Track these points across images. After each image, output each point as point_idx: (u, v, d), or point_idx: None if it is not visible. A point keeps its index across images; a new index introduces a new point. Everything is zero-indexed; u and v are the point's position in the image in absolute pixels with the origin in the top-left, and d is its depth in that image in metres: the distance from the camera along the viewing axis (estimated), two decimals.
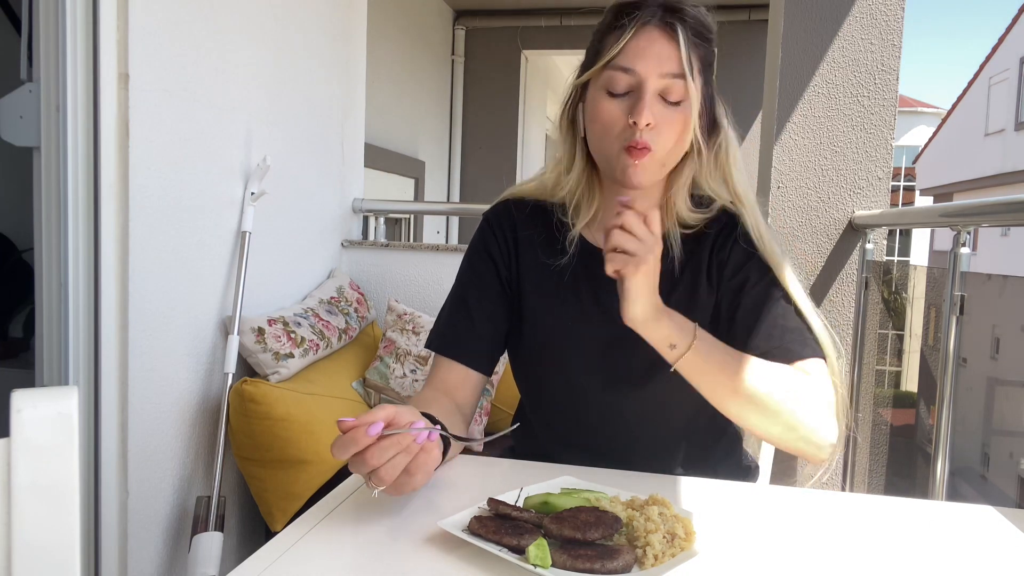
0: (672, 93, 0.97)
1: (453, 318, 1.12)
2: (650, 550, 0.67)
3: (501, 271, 1.12)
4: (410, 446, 0.75)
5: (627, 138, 0.97)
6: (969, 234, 1.45)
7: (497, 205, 1.16)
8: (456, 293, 1.14)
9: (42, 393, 0.47)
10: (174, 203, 1.67)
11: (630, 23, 0.97)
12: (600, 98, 1.00)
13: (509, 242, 1.12)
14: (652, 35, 0.97)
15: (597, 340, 1.06)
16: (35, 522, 0.47)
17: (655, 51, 0.97)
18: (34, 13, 1.44)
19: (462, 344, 1.09)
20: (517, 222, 1.13)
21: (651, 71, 0.96)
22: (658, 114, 0.97)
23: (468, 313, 1.11)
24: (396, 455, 0.74)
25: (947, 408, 1.47)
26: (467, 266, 1.15)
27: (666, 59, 0.97)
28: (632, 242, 0.88)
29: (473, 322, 1.10)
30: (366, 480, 0.76)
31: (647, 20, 0.97)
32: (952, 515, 0.89)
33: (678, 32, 0.97)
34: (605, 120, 0.99)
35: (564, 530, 0.69)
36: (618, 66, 0.98)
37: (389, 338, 2.25)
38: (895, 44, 1.93)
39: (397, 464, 0.74)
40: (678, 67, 0.97)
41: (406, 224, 4.24)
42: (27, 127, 1.47)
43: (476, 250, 1.14)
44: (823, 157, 1.97)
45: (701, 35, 1.00)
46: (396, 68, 4.12)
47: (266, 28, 2.00)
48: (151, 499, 1.68)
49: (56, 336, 1.49)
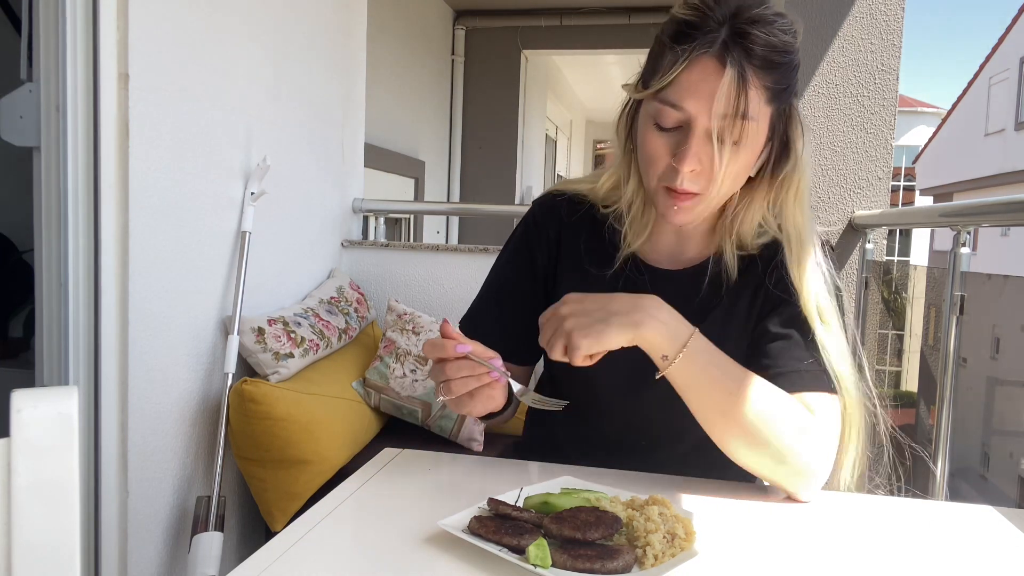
0: (729, 134, 0.86)
1: (484, 306, 1.11)
2: (650, 550, 0.67)
3: (539, 270, 1.08)
4: (482, 375, 0.83)
5: (669, 179, 0.89)
6: (969, 234, 1.45)
7: (546, 199, 1.10)
8: (492, 284, 1.12)
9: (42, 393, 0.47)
10: (174, 203, 1.67)
11: (683, 53, 0.85)
12: (647, 128, 0.91)
13: (552, 243, 1.07)
14: (708, 68, 0.84)
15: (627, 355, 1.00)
16: (35, 522, 0.47)
17: (709, 88, 0.84)
18: (34, 13, 1.44)
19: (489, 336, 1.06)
20: (564, 224, 1.07)
21: (702, 110, 0.85)
22: (708, 156, 0.87)
23: (497, 306, 1.10)
24: (468, 376, 0.83)
25: (947, 408, 1.47)
26: (507, 258, 1.11)
27: (723, 97, 0.84)
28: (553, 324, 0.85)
29: (500, 315, 1.08)
30: (436, 387, 0.86)
31: (705, 50, 0.84)
32: (952, 515, 0.89)
33: (743, 65, 0.84)
34: (649, 153, 0.91)
35: (564, 530, 0.69)
36: (667, 100, 0.87)
37: (389, 338, 2.25)
38: (895, 44, 1.93)
39: (466, 384, 0.84)
40: (737, 107, 0.85)
41: (406, 224, 4.24)
42: (27, 127, 1.47)
43: (518, 243, 1.11)
44: (823, 157, 1.97)
45: (772, 60, 0.86)
46: (396, 68, 4.13)
47: (266, 28, 2.00)
48: (151, 499, 1.68)
49: (56, 336, 1.49)
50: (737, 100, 0.84)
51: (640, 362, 0.97)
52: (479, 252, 2.48)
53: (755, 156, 0.92)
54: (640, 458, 1.02)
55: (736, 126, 0.86)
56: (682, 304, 0.97)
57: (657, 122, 0.89)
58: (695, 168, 0.87)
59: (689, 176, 0.88)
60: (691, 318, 0.97)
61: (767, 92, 0.87)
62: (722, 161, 0.87)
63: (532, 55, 5.59)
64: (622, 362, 0.99)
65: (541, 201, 1.11)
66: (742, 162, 0.90)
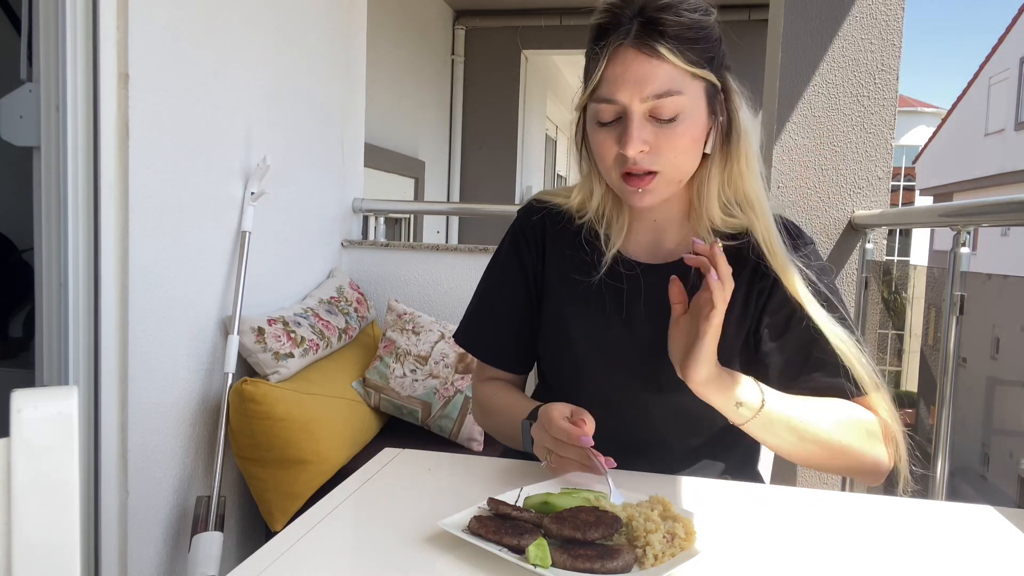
0: (664, 111, 0.92)
1: (479, 316, 1.15)
2: (650, 550, 0.67)
3: (530, 276, 1.11)
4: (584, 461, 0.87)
5: (623, 165, 0.95)
6: (969, 234, 1.45)
7: (530, 209, 1.13)
8: (486, 295, 1.15)
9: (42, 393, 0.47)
10: (174, 203, 1.67)
11: (603, 49, 0.93)
12: (592, 129, 0.97)
13: (538, 250, 1.11)
14: (627, 57, 0.91)
15: (624, 354, 1.04)
16: (35, 522, 0.47)
17: (632, 75, 0.91)
18: (34, 13, 1.44)
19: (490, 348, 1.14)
20: (547, 232, 1.11)
21: (632, 96, 0.91)
22: (653, 136, 0.93)
23: (494, 317, 1.13)
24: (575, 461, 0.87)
25: (947, 408, 1.47)
26: (499, 268, 1.14)
27: (647, 80, 0.91)
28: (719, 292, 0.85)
29: (498, 326, 1.12)
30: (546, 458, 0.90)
31: (620, 41, 0.91)
32: (952, 515, 0.89)
33: (657, 46, 0.90)
34: (600, 151, 0.97)
35: (564, 530, 0.69)
36: (600, 98, 0.94)
37: (389, 338, 2.25)
38: (895, 44, 1.93)
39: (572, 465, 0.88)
40: (664, 84, 0.91)
41: (406, 224, 4.24)
42: (27, 127, 1.47)
43: (508, 253, 1.13)
44: (823, 157, 1.97)
45: (688, 37, 0.92)
46: (396, 68, 4.13)
47: (266, 28, 2.00)
48: (151, 499, 1.68)
49: (56, 336, 1.49)
50: (663, 78, 0.91)
51: (649, 369, 1.00)
52: (479, 252, 2.48)
53: (699, 129, 0.95)
54: (645, 459, 1.02)
55: (667, 103, 0.91)
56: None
57: (599, 121, 0.95)
58: (642, 149, 0.92)
59: (639, 158, 0.93)
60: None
61: (690, 66, 0.92)
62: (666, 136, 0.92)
63: (532, 55, 5.59)
64: (632, 369, 1.00)
65: (526, 209, 1.15)
66: (687, 136, 0.94)
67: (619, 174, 0.96)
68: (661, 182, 0.95)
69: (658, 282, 1.00)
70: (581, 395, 1.02)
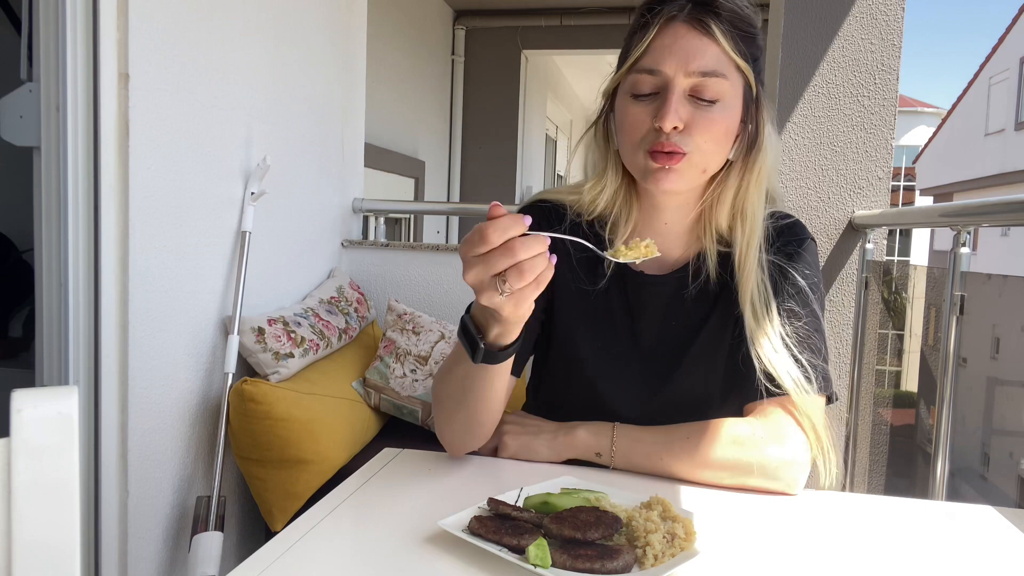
0: (706, 91, 0.90)
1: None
2: (650, 550, 0.67)
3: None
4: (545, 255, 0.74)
5: (653, 141, 0.91)
6: (969, 234, 1.45)
7: (534, 208, 1.06)
8: None
9: (42, 393, 0.47)
10: (174, 203, 1.67)
11: (654, 19, 0.90)
12: (626, 103, 0.93)
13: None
14: (678, 31, 0.90)
15: (633, 366, 1.01)
16: (35, 522, 0.47)
17: (682, 47, 0.89)
18: (34, 13, 1.44)
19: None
20: (561, 219, 1.05)
21: (677, 69, 0.89)
22: (689, 115, 0.90)
23: None
24: (539, 255, 0.73)
25: (947, 408, 1.47)
26: None
27: (695, 54, 0.89)
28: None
29: None
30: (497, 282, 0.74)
31: (673, 15, 0.90)
32: (952, 515, 0.89)
33: (710, 25, 0.89)
34: (629, 125, 0.93)
35: (564, 530, 0.69)
36: (643, 68, 0.91)
37: (389, 338, 2.25)
38: (895, 44, 1.93)
39: (537, 264, 0.73)
40: (711, 63, 0.89)
41: (406, 224, 4.24)
42: (27, 127, 1.47)
43: None
44: (823, 157, 1.97)
45: (739, 28, 0.91)
46: (396, 68, 4.13)
47: (266, 28, 2.00)
48: (151, 499, 1.68)
49: (56, 336, 1.49)
50: (712, 56, 0.89)
51: (657, 379, 0.99)
52: None
53: (733, 124, 0.93)
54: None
55: (711, 84, 0.89)
56: (676, 307, 0.98)
57: (634, 93, 0.92)
58: (677, 125, 0.89)
59: (675, 135, 0.89)
60: (686, 321, 0.97)
61: (737, 56, 0.90)
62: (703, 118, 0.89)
63: (532, 55, 5.59)
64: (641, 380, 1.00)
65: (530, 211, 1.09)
66: (723, 124, 0.91)
67: (646, 151, 0.92)
68: (687, 165, 0.92)
69: (662, 291, 1.00)
70: (591, 410, 1.01)
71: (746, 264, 0.96)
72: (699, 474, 0.91)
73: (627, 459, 0.94)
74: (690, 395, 0.99)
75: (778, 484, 0.90)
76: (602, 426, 0.96)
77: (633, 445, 0.94)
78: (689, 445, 0.91)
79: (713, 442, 0.91)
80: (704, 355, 1.00)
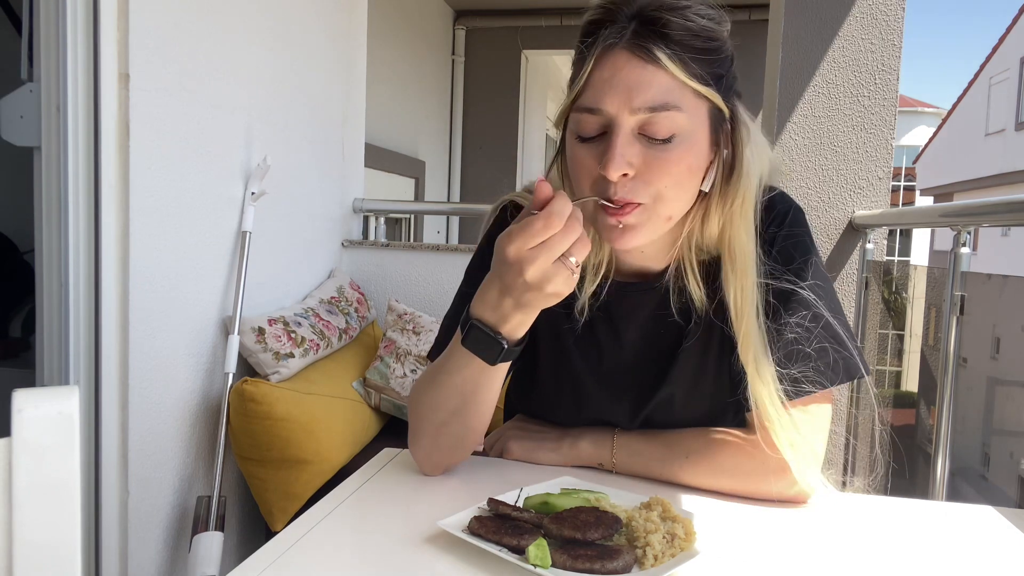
0: (658, 128, 0.77)
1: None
2: (650, 550, 0.67)
3: None
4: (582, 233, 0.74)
5: (602, 191, 0.79)
6: (969, 234, 1.45)
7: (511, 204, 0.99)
8: (464, 298, 1.01)
9: (43, 393, 0.47)
10: (174, 203, 1.67)
11: (590, 49, 0.79)
12: (571, 145, 0.82)
13: None
14: (619, 60, 0.77)
15: (622, 377, 0.98)
16: (36, 522, 0.47)
17: (623, 81, 0.77)
18: (34, 13, 1.45)
19: None
20: None
21: (621, 106, 0.77)
22: (640, 158, 0.78)
23: None
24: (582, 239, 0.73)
25: (947, 408, 1.47)
26: (479, 267, 0.99)
27: (640, 88, 0.76)
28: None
29: None
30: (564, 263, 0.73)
31: (613, 42, 0.77)
32: (952, 515, 0.89)
33: (653, 52, 0.76)
34: (576, 171, 0.82)
35: (564, 530, 0.69)
36: (583, 106, 0.79)
37: (389, 338, 2.25)
38: (895, 44, 1.93)
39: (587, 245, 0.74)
40: (658, 96, 0.76)
41: (406, 224, 4.24)
42: (27, 127, 1.47)
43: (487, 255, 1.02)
44: (823, 157, 1.97)
45: (694, 46, 0.78)
46: (396, 68, 4.12)
47: (266, 28, 2.00)
48: (151, 499, 1.68)
49: (57, 336, 1.49)
50: (660, 88, 0.77)
51: (643, 388, 0.98)
52: None
53: (698, 159, 0.81)
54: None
55: (662, 119, 0.77)
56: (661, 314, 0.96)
57: (579, 135, 0.81)
58: (626, 171, 0.78)
59: (622, 183, 0.79)
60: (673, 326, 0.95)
61: (693, 81, 0.78)
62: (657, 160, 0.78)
63: (532, 55, 5.59)
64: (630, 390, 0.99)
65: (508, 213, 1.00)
66: (682, 163, 0.79)
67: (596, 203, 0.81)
68: (645, 216, 0.80)
69: (646, 297, 0.96)
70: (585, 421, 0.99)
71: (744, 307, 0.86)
72: (699, 484, 0.91)
73: (628, 469, 0.94)
74: (682, 398, 0.98)
75: (783, 496, 0.89)
76: (603, 436, 0.95)
77: (632, 458, 0.94)
78: (688, 464, 0.91)
79: (714, 460, 0.90)
80: (690, 362, 0.95)
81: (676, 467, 0.91)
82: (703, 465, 0.90)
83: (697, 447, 0.91)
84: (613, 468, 0.95)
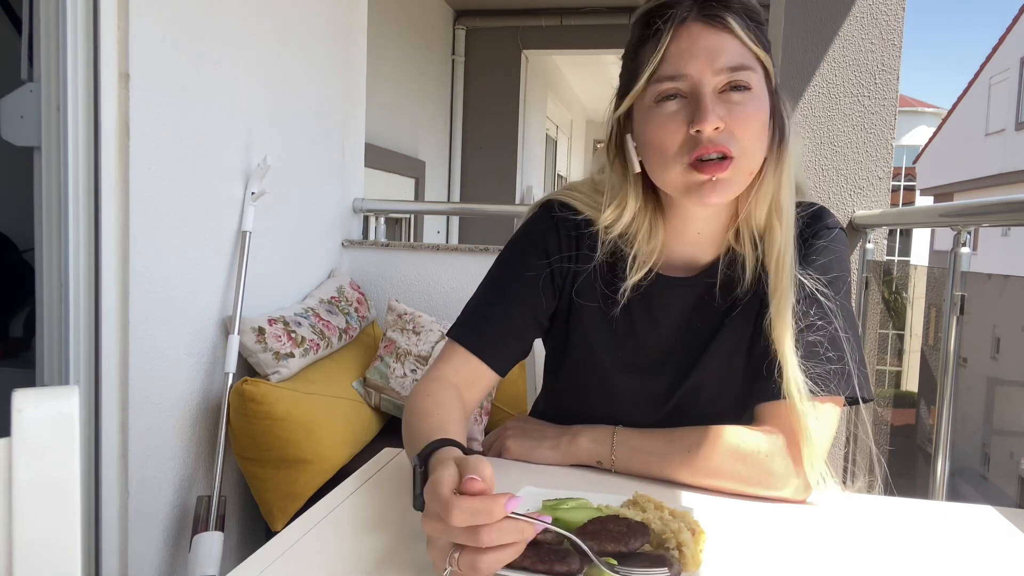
0: (737, 86, 0.85)
1: (487, 311, 0.99)
2: (686, 549, 0.65)
3: (555, 275, 0.99)
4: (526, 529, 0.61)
5: (692, 148, 0.85)
6: (969, 234, 1.45)
7: (557, 216, 0.99)
8: (495, 284, 1.01)
9: (43, 393, 0.47)
10: (174, 203, 1.67)
11: (665, 25, 0.85)
12: (652, 116, 0.87)
13: (572, 249, 0.98)
14: (693, 32, 0.85)
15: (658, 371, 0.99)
16: (36, 521, 0.47)
17: (702, 47, 0.85)
18: (34, 13, 1.45)
19: (491, 342, 0.97)
20: (582, 233, 0.98)
21: (704, 68, 0.84)
22: (726, 113, 0.85)
23: (507, 309, 0.98)
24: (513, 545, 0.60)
25: (947, 408, 1.47)
26: (514, 256, 1.01)
27: (718, 52, 0.85)
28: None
29: (510, 320, 0.98)
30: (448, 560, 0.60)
31: (683, 17, 0.85)
32: (952, 515, 0.89)
33: (726, 19, 0.85)
34: (662, 137, 0.87)
35: (607, 545, 0.64)
36: (663, 76, 0.86)
37: (389, 338, 2.25)
38: (895, 44, 1.93)
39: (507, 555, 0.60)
40: (735, 58, 0.85)
41: (406, 224, 4.24)
42: (28, 127, 1.47)
43: (531, 241, 1.00)
44: (823, 157, 1.97)
45: (751, 18, 0.87)
46: (396, 68, 4.13)
47: (266, 28, 2.00)
48: (151, 499, 1.68)
49: (57, 336, 1.49)
50: (735, 51, 0.85)
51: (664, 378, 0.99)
52: (479, 252, 2.48)
53: (766, 117, 0.89)
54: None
55: (741, 78, 0.85)
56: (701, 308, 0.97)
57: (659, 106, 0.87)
58: (718, 125, 0.84)
59: (715, 136, 0.84)
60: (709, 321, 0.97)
61: (756, 46, 0.87)
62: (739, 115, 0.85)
63: (532, 55, 5.59)
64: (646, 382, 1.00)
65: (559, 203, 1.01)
66: (759, 118, 0.87)
67: (687, 164, 0.86)
68: (735, 171, 0.86)
69: (689, 292, 0.98)
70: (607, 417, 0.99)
71: (784, 261, 0.91)
72: (699, 483, 0.91)
73: (627, 467, 0.94)
74: (705, 395, 0.98)
75: (782, 494, 0.89)
76: (603, 433, 0.95)
77: (632, 455, 0.93)
78: (689, 458, 0.90)
79: (714, 456, 0.89)
80: (723, 352, 0.97)
81: (677, 463, 0.91)
82: (704, 461, 0.90)
83: (697, 440, 0.91)
84: (612, 466, 0.94)
